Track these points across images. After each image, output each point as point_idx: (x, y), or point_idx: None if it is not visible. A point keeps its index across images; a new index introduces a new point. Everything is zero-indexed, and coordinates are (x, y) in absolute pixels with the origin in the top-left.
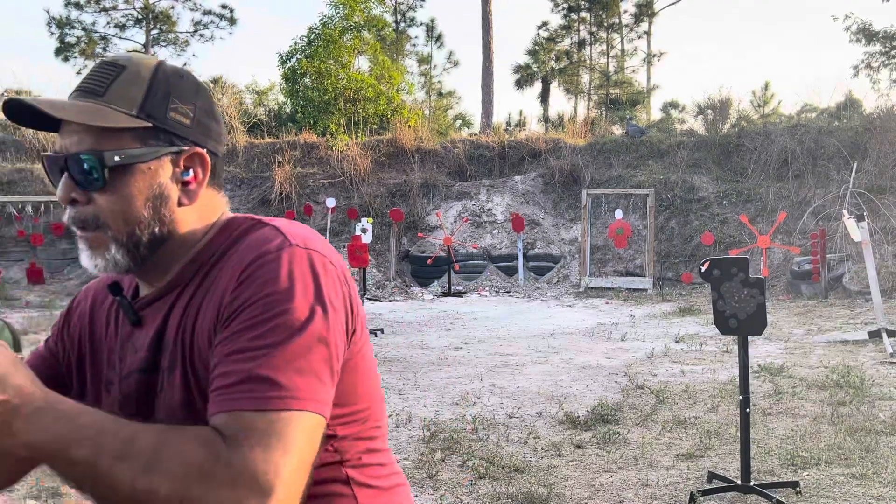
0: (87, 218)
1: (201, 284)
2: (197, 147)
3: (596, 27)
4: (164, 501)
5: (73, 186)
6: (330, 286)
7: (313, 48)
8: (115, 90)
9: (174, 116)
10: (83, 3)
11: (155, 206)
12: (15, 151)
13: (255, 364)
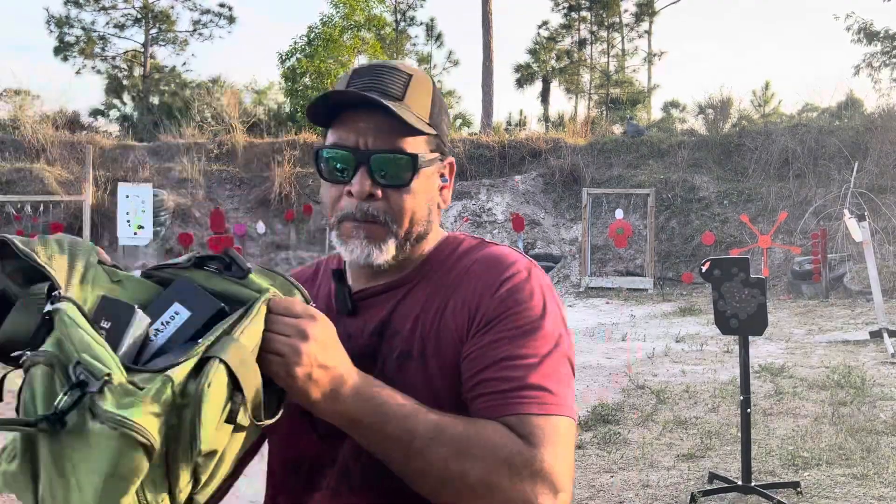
0: (378, 213)
1: (437, 286)
2: (450, 156)
3: (596, 26)
4: (472, 486)
5: (371, 182)
6: (560, 304)
7: (313, 47)
8: (412, 96)
9: (444, 127)
10: (82, 2)
11: (430, 209)
12: (14, 151)
13: (527, 373)
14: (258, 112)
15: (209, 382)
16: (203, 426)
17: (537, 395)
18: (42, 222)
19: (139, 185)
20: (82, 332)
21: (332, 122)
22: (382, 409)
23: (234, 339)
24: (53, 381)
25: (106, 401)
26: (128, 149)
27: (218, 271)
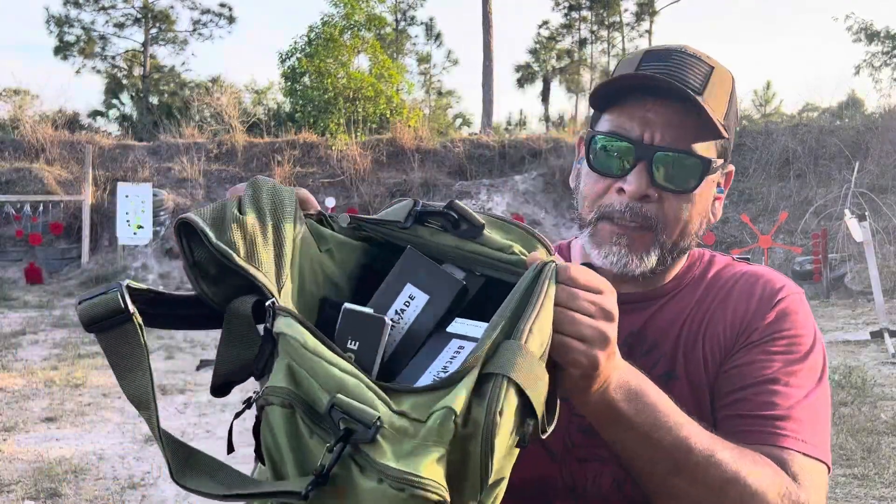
0: (650, 216)
1: (695, 302)
2: (730, 164)
3: (597, 26)
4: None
5: (649, 181)
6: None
7: (313, 47)
8: (711, 92)
9: (733, 132)
10: (82, 2)
11: (702, 220)
12: (13, 151)
13: (794, 404)
14: (258, 112)
15: (500, 409)
16: (495, 459)
17: (803, 433)
18: (41, 222)
19: (139, 184)
20: (326, 365)
21: (610, 106)
22: (655, 412)
23: (520, 346)
24: (296, 424)
25: (382, 452)
26: (127, 148)
27: (443, 229)
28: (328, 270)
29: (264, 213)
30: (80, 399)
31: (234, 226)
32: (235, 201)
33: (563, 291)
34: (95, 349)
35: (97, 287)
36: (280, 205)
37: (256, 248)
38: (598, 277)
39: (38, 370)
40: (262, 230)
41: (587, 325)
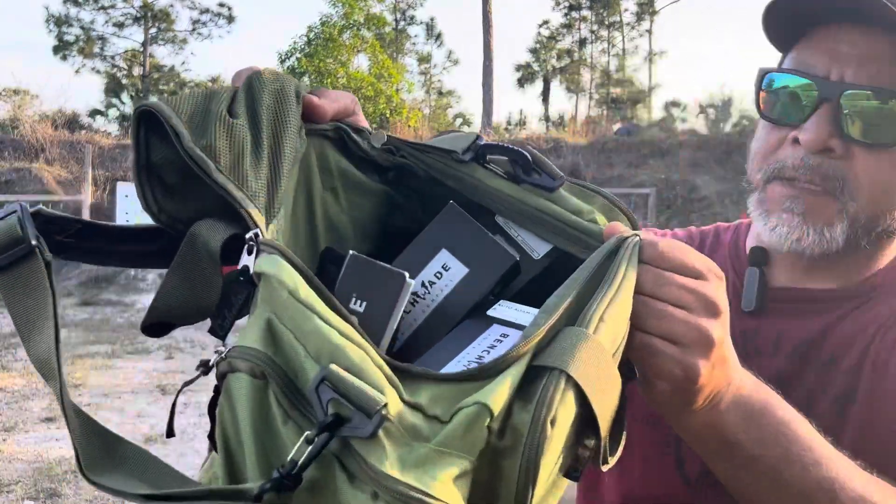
0: (830, 176)
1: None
2: None
3: (597, 25)
4: None
5: (833, 129)
6: None
7: (312, 47)
8: None
9: None
10: (81, 1)
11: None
12: (13, 150)
13: None
14: None
15: (553, 417)
16: (537, 486)
17: None
18: None
19: None
20: (320, 325)
21: (795, 42)
22: (787, 441)
23: (587, 336)
24: (267, 402)
25: (382, 455)
26: (127, 148)
27: (507, 176)
28: (332, 214)
29: (260, 120)
30: (80, 399)
31: (218, 126)
32: (227, 95)
33: (649, 273)
34: (94, 349)
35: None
36: (285, 112)
37: (243, 163)
38: (699, 257)
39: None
40: (256, 142)
41: (681, 320)
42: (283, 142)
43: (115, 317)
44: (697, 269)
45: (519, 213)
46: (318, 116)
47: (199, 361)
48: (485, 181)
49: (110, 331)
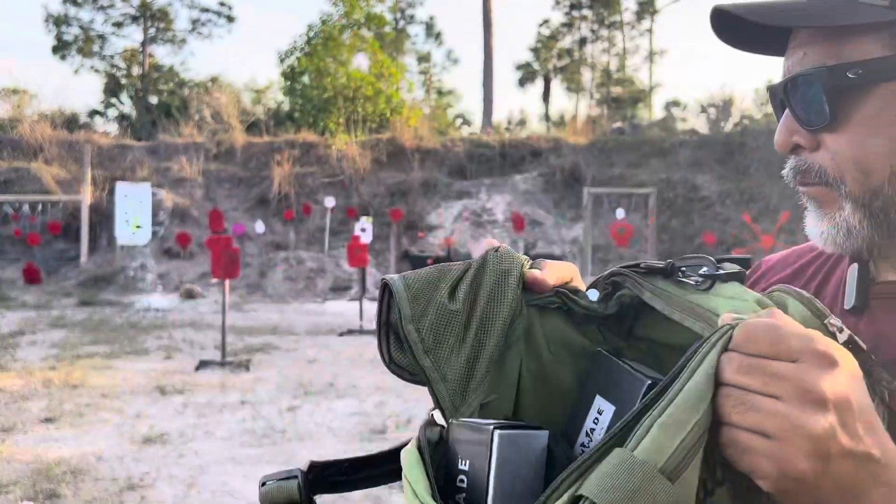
0: (810, 170)
1: None
2: None
3: (597, 25)
4: None
5: (794, 126)
6: None
7: (312, 46)
8: None
9: None
10: (80, 1)
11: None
12: (12, 150)
13: None
14: (257, 111)
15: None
16: None
17: None
18: (40, 222)
19: (137, 184)
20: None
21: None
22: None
23: (624, 457)
24: None
25: None
26: (126, 148)
27: (700, 280)
28: (560, 376)
29: (477, 302)
30: (79, 400)
31: (434, 311)
32: (457, 275)
33: (733, 361)
34: (94, 350)
35: (281, 471)
36: (503, 293)
37: (445, 346)
38: (797, 336)
39: (37, 370)
40: (467, 325)
41: (767, 411)
42: (494, 322)
43: (115, 317)
44: (791, 350)
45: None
46: (541, 289)
47: (199, 361)
48: (670, 293)
49: (110, 331)
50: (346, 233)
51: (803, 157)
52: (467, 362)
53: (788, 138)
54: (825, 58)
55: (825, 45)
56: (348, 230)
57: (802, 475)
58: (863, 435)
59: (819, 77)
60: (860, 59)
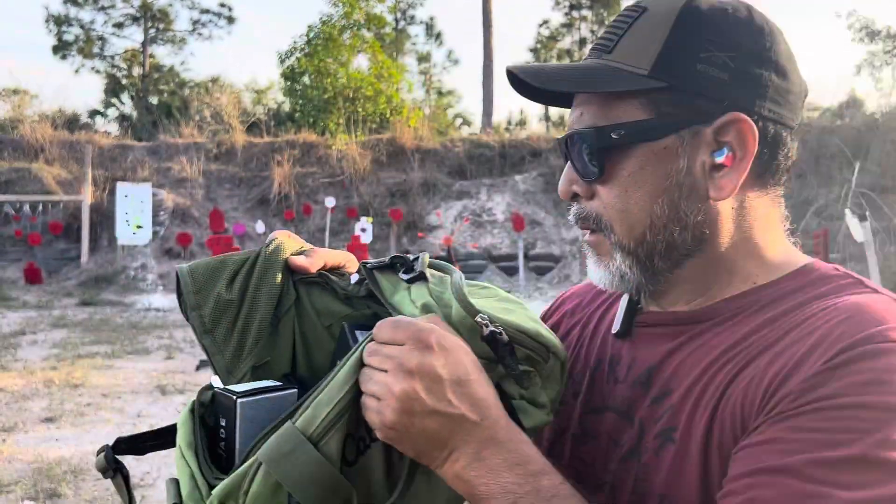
0: (589, 217)
1: (742, 337)
2: (736, 112)
3: (597, 25)
4: None
5: (574, 176)
6: None
7: (312, 46)
8: (626, 42)
9: (704, 70)
10: (81, 1)
11: (673, 201)
12: (13, 150)
13: (790, 489)
14: (257, 111)
15: (247, 489)
16: None
17: None
18: (41, 222)
19: (138, 184)
20: (182, 465)
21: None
22: (516, 486)
23: (287, 427)
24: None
25: None
26: (126, 148)
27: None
28: (318, 334)
29: (247, 290)
30: (80, 399)
31: (211, 300)
32: (234, 266)
33: (368, 349)
34: (95, 349)
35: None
36: (272, 278)
37: (221, 327)
38: (408, 328)
39: (38, 370)
40: (238, 308)
41: (375, 380)
42: (259, 304)
43: (115, 317)
44: (400, 338)
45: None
46: (305, 272)
47: (199, 361)
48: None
49: (110, 331)
50: (347, 233)
51: (582, 205)
52: (239, 338)
53: (569, 187)
54: (596, 118)
55: (597, 107)
56: (348, 230)
57: (395, 426)
58: (452, 399)
59: (589, 136)
60: (622, 121)
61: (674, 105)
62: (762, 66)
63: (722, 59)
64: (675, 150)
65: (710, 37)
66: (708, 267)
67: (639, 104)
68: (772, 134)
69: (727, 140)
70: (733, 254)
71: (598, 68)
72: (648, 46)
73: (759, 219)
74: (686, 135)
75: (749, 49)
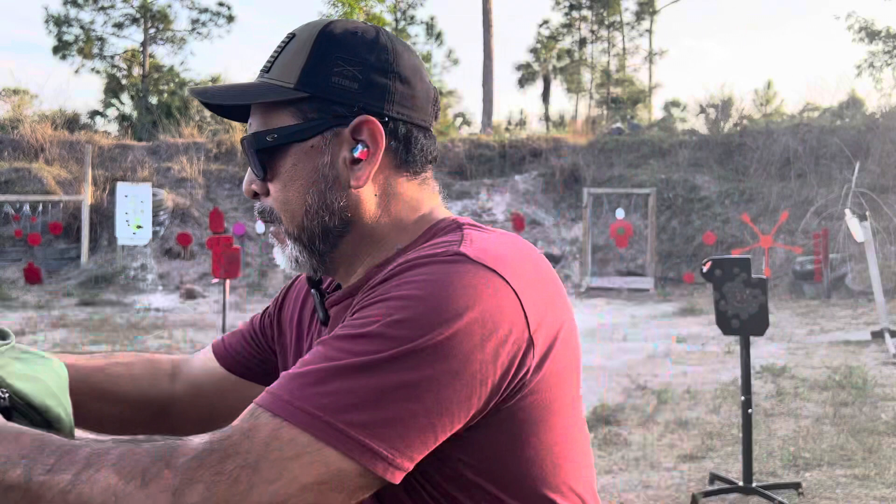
0: (265, 211)
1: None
2: (367, 115)
3: (597, 25)
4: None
5: (252, 177)
6: (476, 325)
7: None
8: (280, 63)
9: (337, 81)
10: (81, 2)
11: (321, 191)
12: (13, 150)
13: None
14: None
15: None
16: None
17: (279, 389)
18: (41, 222)
19: (138, 184)
20: None
21: None
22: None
23: None
24: None
25: None
26: (127, 148)
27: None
28: None
29: None
30: None
31: None
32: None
33: None
34: (95, 349)
35: None
36: None
37: None
38: None
39: None
40: None
41: None
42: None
43: (116, 317)
44: None
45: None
46: None
47: None
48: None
49: (111, 330)
50: None
51: (261, 202)
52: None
53: (249, 187)
54: (259, 126)
55: (260, 117)
56: None
57: None
58: None
59: (251, 140)
60: (276, 126)
61: (317, 111)
62: (387, 76)
63: (352, 72)
64: (321, 149)
65: (340, 54)
66: (360, 243)
67: (290, 112)
68: (403, 132)
69: (362, 138)
70: (381, 230)
71: (256, 85)
72: (295, 64)
73: (408, 200)
74: (329, 135)
75: (374, 63)
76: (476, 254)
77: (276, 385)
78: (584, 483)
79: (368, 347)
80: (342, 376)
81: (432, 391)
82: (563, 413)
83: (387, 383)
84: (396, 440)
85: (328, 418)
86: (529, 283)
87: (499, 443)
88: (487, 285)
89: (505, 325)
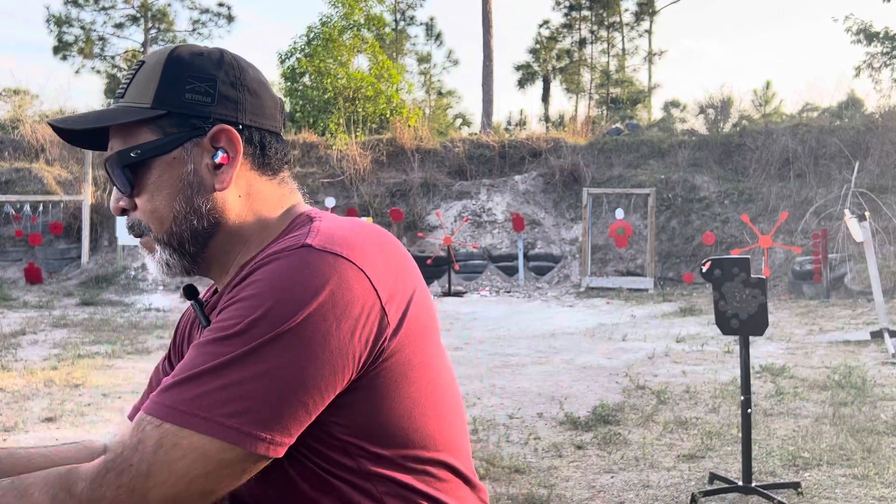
0: (135, 224)
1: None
2: (222, 125)
3: (597, 26)
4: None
5: (118, 194)
6: (328, 307)
7: (312, 47)
8: (133, 87)
9: (191, 97)
10: (82, 2)
11: (187, 197)
12: (13, 151)
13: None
14: None
15: None
16: None
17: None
18: (41, 222)
19: None
20: None
21: None
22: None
23: None
24: None
25: None
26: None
27: None
28: None
29: None
30: (80, 399)
31: None
32: None
33: None
34: (95, 349)
35: None
36: None
37: None
38: None
39: (38, 370)
40: None
41: None
42: None
43: (116, 317)
44: None
45: None
46: None
47: None
48: None
49: (111, 330)
50: None
51: (130, 216)
52: None
53: (117, 204)
54: (121, 146)
55: (120, 138)
56: None
57: None
58: None
59: (115, 159)
60: (138, 143)
61: (175, 126)
62: (237, 89)
63: (204, 87)
64: (183, 159)
65: (191, 73)
66: (228, 242)
67: (149, 130)
68: (257, 138)
69: (221, 145)
70: (247, 228)
71: (112, 109)
72: (149, 87)
73: (269, 199)
74: (189, 146)
75: (223, 79)
76: (321, 243)
77: (159, 393)
78: (454, 429)
79: (233, 346)
80: (214, 375)
81: (296, 373)
82: (426, 366)
83: (254, 373)
84: (272, 422)
85: (206, 415)
86: (376, 260)
87: (367, 402)
88: (335, 269)
89: (357, 302)
